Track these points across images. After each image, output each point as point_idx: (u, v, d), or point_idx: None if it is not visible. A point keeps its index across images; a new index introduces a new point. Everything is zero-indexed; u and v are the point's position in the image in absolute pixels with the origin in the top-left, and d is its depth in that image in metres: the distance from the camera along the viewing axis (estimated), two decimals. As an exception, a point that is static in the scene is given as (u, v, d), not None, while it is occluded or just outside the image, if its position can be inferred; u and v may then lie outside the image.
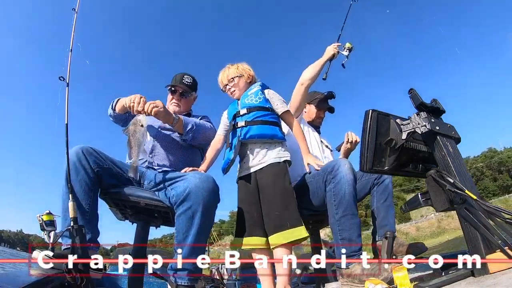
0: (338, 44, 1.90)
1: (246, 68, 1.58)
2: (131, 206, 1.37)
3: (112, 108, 1.54)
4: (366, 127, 1.02)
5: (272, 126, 1.41)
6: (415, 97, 1.06)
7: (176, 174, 1.32)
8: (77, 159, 1.23)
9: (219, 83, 1.61)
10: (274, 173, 1.36)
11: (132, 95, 1.40)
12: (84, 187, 1.21)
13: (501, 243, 0.85)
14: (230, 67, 1.58)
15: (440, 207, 0.95)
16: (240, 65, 1.59)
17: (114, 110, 1.53)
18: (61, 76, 1.27)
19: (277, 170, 1.36)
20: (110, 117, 1.59)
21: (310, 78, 1.76)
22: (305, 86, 1.76)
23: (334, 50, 1.85)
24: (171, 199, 1.23)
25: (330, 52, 1.84)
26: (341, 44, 1.92)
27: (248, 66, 1.61)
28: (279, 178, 1.35)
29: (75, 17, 1.41)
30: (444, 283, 0.86)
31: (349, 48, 1.92)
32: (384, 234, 1.31)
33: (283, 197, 1.32)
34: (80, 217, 1.16)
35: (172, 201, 1.22)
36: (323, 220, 1.74)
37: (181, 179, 1.26)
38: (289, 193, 1.33)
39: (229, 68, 1.58)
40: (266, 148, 1.40)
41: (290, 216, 1.28)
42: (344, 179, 1.33)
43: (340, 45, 1.91)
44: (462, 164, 0.99)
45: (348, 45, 1.92)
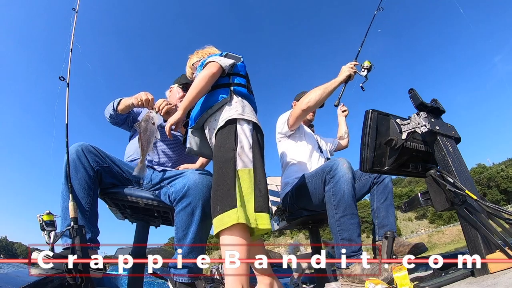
0: (356, 63, 1.62)
1: (206, 52, 1.47)
2: (130, 206, 1.37)
3: (114, 108, 1.53)
4: (366, 127, 1.02)
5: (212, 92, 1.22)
6: (415, 97, 1.06)
7: (175, 172, 1.31)
8: (77, 157, 1.22)
9: (186, 73, 1.55)
10: (217, 141, 1.11)
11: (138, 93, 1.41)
12: (84, 186, 1.20)
13: (501, 243, 0.85)
14: (192, 56, 1.52)
15: (440, 207, 0.95)
16: (200, 50, 1.50)
17: (116, 110, 1.52)
18: (61, 76, 1.27)
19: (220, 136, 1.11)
20: (109, 118, 1.58)
21: (315, 105, 1.57)
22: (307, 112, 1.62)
23: (351, 70, 1.58)
24: (170, 196, 1.23)
25: (346, 73, 1.58)
26: (358, 63, 1.64)
27: (209, 49, 1.48)
28: (216, 146, 1.10)
29: (75, 17, 1.41)
30: (444, 283, 0.86)
31: (368, 67, 1.62)
32: (384, 234, 1.31)
33: (216, 171, 1.04)
34: (80, 216, 1.15)
35: (172, 198, 1.22)
36: (322, 220, 1.74)
37: (180, 176, 1.25)
38: (226, 164, 1.02)
39: (190, 57, 1.52)
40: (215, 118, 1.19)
41: (222, 196, 0.97)
42: (343, 178, 1.33)
43: (358, 64, 1.63)
44: (462, 164, 0.99)
45: (367, 64, 1.63)
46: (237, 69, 1.28)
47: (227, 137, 1.08)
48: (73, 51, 1.34)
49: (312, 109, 1.64)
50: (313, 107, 1.60)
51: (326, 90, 1.56)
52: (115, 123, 1.61)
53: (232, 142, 1.06)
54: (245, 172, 1.02)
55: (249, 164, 1.04)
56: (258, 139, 1.13)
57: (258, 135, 1.15)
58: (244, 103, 1.20)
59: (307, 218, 1.69)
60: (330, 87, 1.57)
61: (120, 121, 1.60)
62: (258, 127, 1.17)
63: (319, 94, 1.56)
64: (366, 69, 1.62)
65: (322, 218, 1.67)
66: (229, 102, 1.19)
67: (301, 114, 1.65)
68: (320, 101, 1.57)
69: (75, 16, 1.41)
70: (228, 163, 1.02)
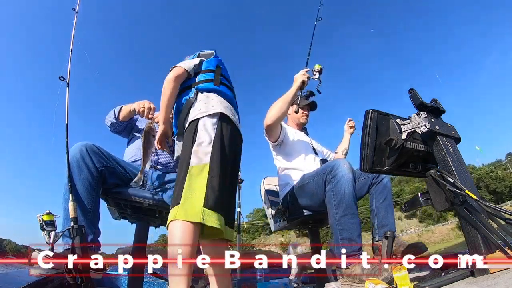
0: (307, 70, 1.73)
1: None
2: (132, 206, 1.37)
3: (115, 116, 1.53)
4: (366, 127, 1.02)
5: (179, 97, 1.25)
6: (415, 97, 1.05)
7: None
8: (81, 156, 1.21)
9: None
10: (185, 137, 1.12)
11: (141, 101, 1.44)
12: (87, 186, 1.20)
13: (501, 243, 0.85)
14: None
15: (440, 207, 0.95)
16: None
17: (118, 118, 1.53)
18: (61, 76, 1.27)
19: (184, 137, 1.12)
20: (110, 126, 1.59)
21: (278, 117, 1.65)
22: (273, 126, 1.68)
23: (303, 77, 1.68)
24: None
25: (299, 80, 1.67)
26: (309, 69, 1.74)
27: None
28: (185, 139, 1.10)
29: (75, 17, 1.42)
30: (444, 283, 0.86)
31: (319, 70, 1.73)
32: (384, 234, 1.31)
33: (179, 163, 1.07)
34: (82, 217, 1.15)
35: None
36: (322, 220, 1.74)
37: None
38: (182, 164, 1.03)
39: None
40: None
41: (175, 195, 0.99)
42: (343, 178, 1.34)
43: (309, 70, 1.73)
44: (462, 164, 0.99)
45: (317, 67, 1.73)
46: (205, 66, 1.27)
47: (187, 137, 1.08)
48: (73, 51, 1.34)
49: (278, 121, 1.70)
50: (278, 119, 1.68)
51: (285, 101, 1.65)
52: (116, 131, 1.62)
53: (190, 140, 1.06)
54: (199, 168, 1.00)
55: (204, 159, 1.01)
56: (223, 130, 1.09)
57: (226, 125, 1.11)
58: (210, 97, 1.17)
59: (307, 218, 1.69)
60: (288, 97, 1.66)
61: (121, 129, 1.61)
62: (226, 116, 1.12)
63: (279, 106, 1.65)
64: (318, 72, 1.73)
65: (322, 218, 1.67)
66: (194, 102, 1.17)
67: (270, 128, 1.71)
68: (283, 112, 1.66)
69: (75, 16, 1.42)
70: (183, 163, 1.02)
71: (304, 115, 1.99)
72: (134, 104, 1.46)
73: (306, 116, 2.01)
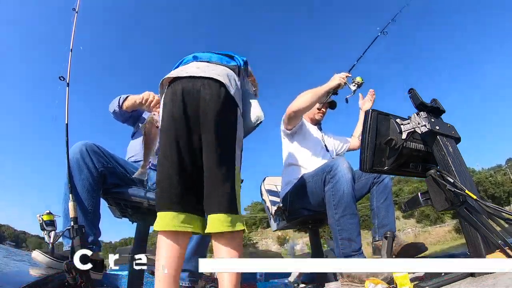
0: (348, 75, 1.65)
1: None
2: (132, 206, 1.37)
3: (119, 104, 1.48)
4: (366, 127, 1.01)
5: None
6: (415, 97, 1.05)
7: None
8: (81, 156, 1.20)
9: None
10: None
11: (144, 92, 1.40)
12: (87, 187, 1.19)
13: (501, 243, 0.85)
14: None
15: (440, 207, 0.95)
16: None
17: (121, 107, 1.48)
18: (61, 76, 1.27)
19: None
20: (113, 113, 1.53)
21: (305, 108, 1.58)
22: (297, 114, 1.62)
23: (341, 80, 1.59)
24: None
25: (336, 81, 1.59)
26: (351, 76, 1.67)
27: None
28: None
29: (75, 17, 1.42)
30: (444, 283, 0.86)
31: (359, 83, 1.65)
32: (384, 233, 1.31)
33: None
34: (82, 217, 1.14)
35: None
36: (322, 220, 1.74)
37: None
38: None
39: None
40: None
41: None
42: (343, 178, 1.34)
43: (349, 77, 1.65)
44: (462, 164, 0.99)
45: (359, 80, 1.65)
46: None
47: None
48: (73, 51, 1.34)
49: (303, 112, 1.63)
50: (303, 109, 1.61)
51: (316, 94, 1.57)
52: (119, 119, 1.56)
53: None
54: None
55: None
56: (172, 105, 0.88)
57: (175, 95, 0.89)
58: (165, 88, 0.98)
59: (307, 218, 1.69)
60: (320, 91, 1.59)
61: (124, 119, 1.56)
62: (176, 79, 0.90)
63: (309, 97, 1.58)
64: (357, 84, 1.65)
65: (322, 218, 1.67)
66: None
67: (292, 116, 1.65)
68: (310, 104, 1.58)
69: (75, 16, 1.42)
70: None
71: (321, 112, 1.92)
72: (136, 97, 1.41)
73: (323, 114, 1.93)
